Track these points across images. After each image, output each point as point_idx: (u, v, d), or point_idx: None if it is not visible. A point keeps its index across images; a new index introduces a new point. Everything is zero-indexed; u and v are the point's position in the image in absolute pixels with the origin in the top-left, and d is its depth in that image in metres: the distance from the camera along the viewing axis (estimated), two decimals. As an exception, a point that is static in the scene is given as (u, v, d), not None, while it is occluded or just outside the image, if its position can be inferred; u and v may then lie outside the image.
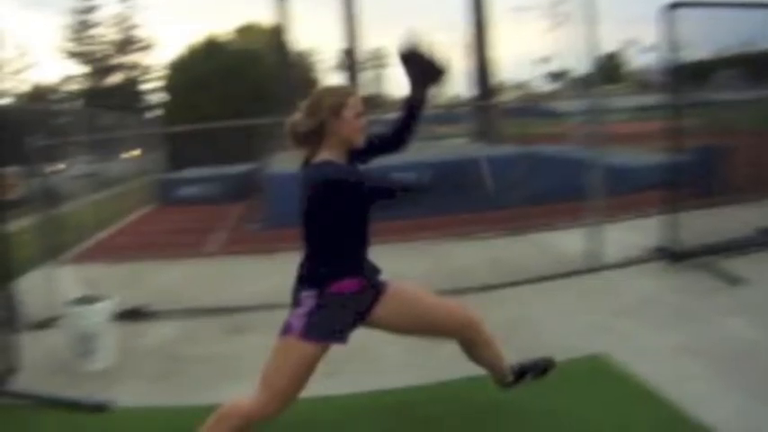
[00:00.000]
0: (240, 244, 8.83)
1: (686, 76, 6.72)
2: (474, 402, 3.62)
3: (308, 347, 2.75)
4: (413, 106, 3.04)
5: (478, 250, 7.41)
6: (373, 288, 2.95)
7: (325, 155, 2.80)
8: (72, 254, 8.65)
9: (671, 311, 4.93)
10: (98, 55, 42.96)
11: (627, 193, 8.82)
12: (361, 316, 2.93)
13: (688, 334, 4.42)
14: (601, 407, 3.51)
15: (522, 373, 3.40)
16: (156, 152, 16.86)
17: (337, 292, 2.80)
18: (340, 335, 2.84)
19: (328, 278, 2.80)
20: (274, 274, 5.39)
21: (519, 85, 65.63)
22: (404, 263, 6.06)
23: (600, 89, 7.21)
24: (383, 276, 3.03)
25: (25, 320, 5.41)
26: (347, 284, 2.82)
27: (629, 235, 7.08)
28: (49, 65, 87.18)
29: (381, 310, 2.96)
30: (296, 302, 2.82)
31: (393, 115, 3.37)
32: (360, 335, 2.99)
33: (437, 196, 9.03)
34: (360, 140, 2.86)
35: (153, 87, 40.87)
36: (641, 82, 48.15)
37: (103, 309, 4.65)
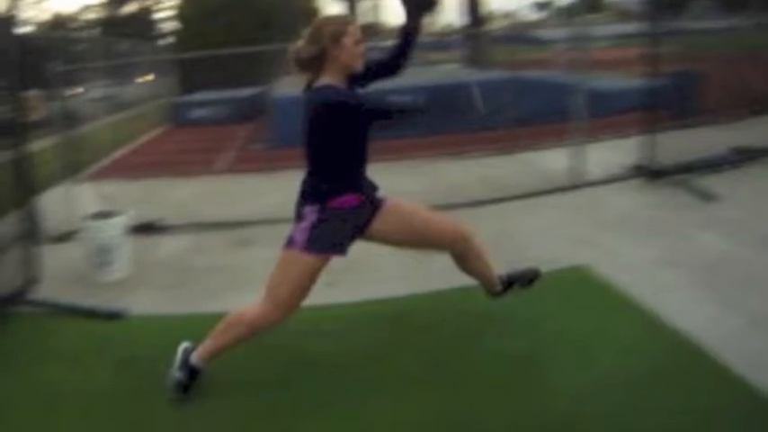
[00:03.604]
0: (247, 163, 8.67)
1: (663, 6, 6.62)
2: (465, 310, 3.56)
3: (310, 259, 2.73)
4: (408, 34, 2.98)
5: (470, 168, 7.28)
6: (371, 203, 2.90)
7: (326, 79, 2.73)
8: (90, 172, 8.48)
9: (649, 226, 4.84)
10: (114, -15, 41.83)
11: (608, 115, 8.64)
12: (360, 230, 2.89)
13: (665, 247, 4.34)
14: (583, 314, 3.46)
15: (510, 282, 3.40)
16: (168, 77, 16.53)
17: (338, 206, 2.74)
18: (340, 247, 2.82)
19: (329, 194, 2.74)
20: (278, 190, 5.29)
21: (507, 15, 64.18)
22: (400, 180, 5.93)
23: (582, 18, 7.10)
24: (381, 193, 2.98)
25: (46, 234, 5.32)
26: (347, 200, 2.77)
27: (609, 154, 6.93)
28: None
29: (379, 224, 2.92)
30: (299, 217, 2.77)
31: (389, 42, 3.30)
32: (358, 248, 2.94)
33: (431, 118, 8.88)
34: (358, 66, 2.79)
35: (165, 16, 39.82)
36: (621, 11, 47.05)
37: (119, 223, 4.56)
